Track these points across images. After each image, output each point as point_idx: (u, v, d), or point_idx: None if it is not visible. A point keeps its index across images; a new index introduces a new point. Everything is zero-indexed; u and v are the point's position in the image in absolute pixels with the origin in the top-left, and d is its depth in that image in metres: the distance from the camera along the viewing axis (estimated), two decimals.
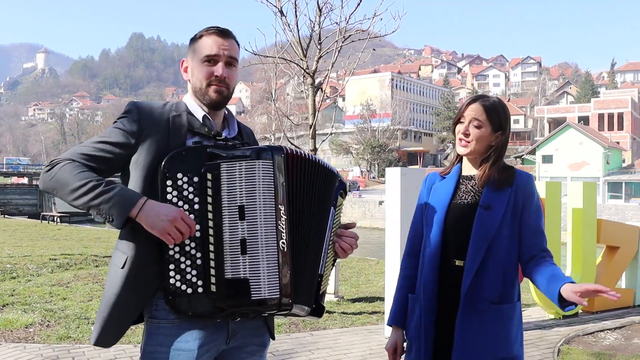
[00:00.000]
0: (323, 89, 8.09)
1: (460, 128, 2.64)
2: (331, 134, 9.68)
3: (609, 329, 7.36)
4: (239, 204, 2.08)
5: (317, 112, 7.86)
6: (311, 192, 2.22)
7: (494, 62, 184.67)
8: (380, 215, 49.30)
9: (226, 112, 2.43)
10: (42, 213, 36.77)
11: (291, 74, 9.52)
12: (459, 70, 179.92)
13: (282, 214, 2.11)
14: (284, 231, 2.11)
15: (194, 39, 2.34)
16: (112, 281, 2.18)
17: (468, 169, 2.71)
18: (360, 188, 68.82)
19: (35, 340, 6.08)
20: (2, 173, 77.35)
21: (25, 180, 73.13)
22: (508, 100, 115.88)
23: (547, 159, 60.31)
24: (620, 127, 71.71)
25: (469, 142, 2.60)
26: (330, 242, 2.32)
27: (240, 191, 2.09)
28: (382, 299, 8.48)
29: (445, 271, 2.59)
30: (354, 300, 8.65)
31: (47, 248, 14.71)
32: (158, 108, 2.26)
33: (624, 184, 57.13)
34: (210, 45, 2.28)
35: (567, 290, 2.29)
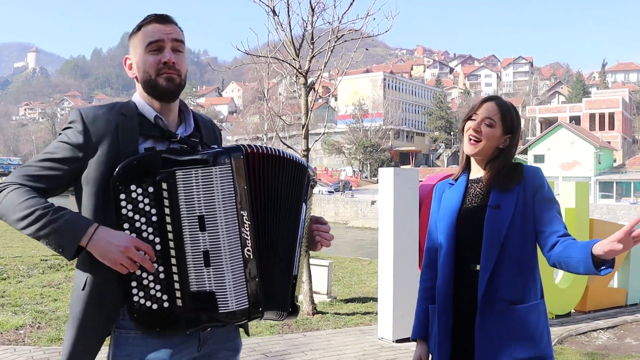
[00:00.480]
0: (316, 89, 8.06)
1: (471, 124, 2.58)
2: (324, 133, 9.65)
3: (602, 329, 7.38)
4: (198, 214, 1.96)
5: (309, 112, 7.83)
6: (279, 190, 2.11)
7: (486, 62, 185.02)
8: (373, 215, 49.33)
9: (181, 106, 2.29)
10: None
11: (283, 73, 9.48)
12: (451, 70, 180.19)
13: (245, 221, 2.00)
14: (249, 238, 2.00)
15: (133, 33, 2.18)
16: (75, 303, 2.08)
17: (476, 171, 2.67)
18: (353, 188, 68.86)
19: (26, 342, 6.03)
20: None
21: None
22: None
23: (539, 159, 60.45)
24: (612, 127, 72.05)
25: (478, 141, 2.55)
26: (303, 238, 2.24)
27: (198, 200, 1.96)
28: (375, 300, 8.46)
29: (463, 277, 2.54)
30: (347, 301, 8.63)
31: (38, 249, 14.60)
32: (104, 114, 2.09)
33: (615, 184, 57.37)
34: (152, 32, 2.12)
35: (598, 247, 2.18)
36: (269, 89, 9.38)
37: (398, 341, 6.38)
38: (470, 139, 2.57)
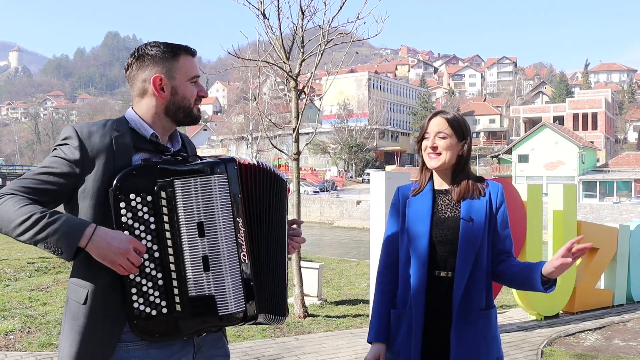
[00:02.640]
0: (306, 92, 8.08)
1: (426, 143, 2.72)
2: (314, 134, 9.65)
3: (590, 330, 7.46)
4: (197, 221, 2.04)
5: (300, 115, 7.85)
6: (266, 200, 2.21)
7: (470, 62, 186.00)
8: (358, 215, 49.42)
9: None
10: None
11: (268, 72, 9.47)
12: (436, 70, 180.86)
13: (240, 227, 2.09)
14: (244, 243, 2.09)
15: (168, 57, 2.24)
16: (75, 318, 2.07)
17: (439, 183, 2.78)
18: (338, 188, 68.91)
19: (17, 348, 5.99)
20: None
21: None
22: (484, 100, 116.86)
23: (523, 159, 60.98)
24: (595, 127, 72.76)
25: (439, 154, 2.68)
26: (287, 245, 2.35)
27: (197, 208, 2.04)
28: (365, 302, 8.50)
29: (429, 283, 2.65)
30: (337, 303, 8.66)
31: (24, 251, 14.48)
32: (99, 129, 2.13)
33: (598, 183, 57.95)
34: (192, 65, 2.28)
35: (547, 266, 2.47)
36: (255, 89, 9.36)
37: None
38: (430, 155, 2.71)
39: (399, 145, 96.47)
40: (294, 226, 2.45)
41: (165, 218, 2.04)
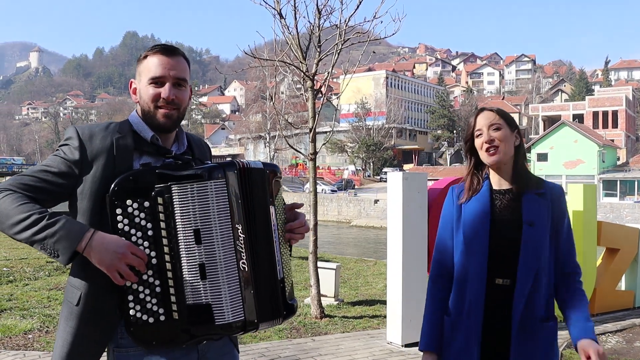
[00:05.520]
0: (323, 92, 8.05)
1: (481, 140, 2.57)
2: (331, 133, 9.62)
3: (610, 332, 7.36)
4: (194, 227, 1.99)
5: (317, 115, 7.82)
6: (256, 200, 2.11)
7: (488, 60, 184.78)
8: (376, 214, 49.33)
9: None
10: None
11: (285, 73, 9.46)
12: (454, 68, 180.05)
13: (239, 234, 2.02)
14: (243, 251, 2.03)
15: (139, 59, 2.24)
16: (68, 319, 2.08)
17: (497, 182, 2.62)
18: (356, 187, 68.82)
19: (35, 347, 6.02)
20: None
21: None
22: (502, 98, 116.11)
23: (542, 157, 60.44)
24: (615, 125, 71.93)
25: (497, 148, 2.53)
26: (281, 236, 2.22)
27: (194, 214, 1.99)
28: (382, 302, 8.45)
29: (489, 291, 2.50)
30: (354, 304, 8.62)
31: None
32: (100, 131, 2.13)
33: (618, 182, 57.32)
34: (155, 65, 2.17)
35: (581, 347, 2.39)
36: (272, 89, 9.35)
37: (407, 345, 6.37)
38: (488, 150, 2.55)
39: (416, 144, 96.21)
40: (299, 221, 2.32)
41: (163, 224, 2.01)
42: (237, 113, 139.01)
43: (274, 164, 2.26)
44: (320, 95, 8.07)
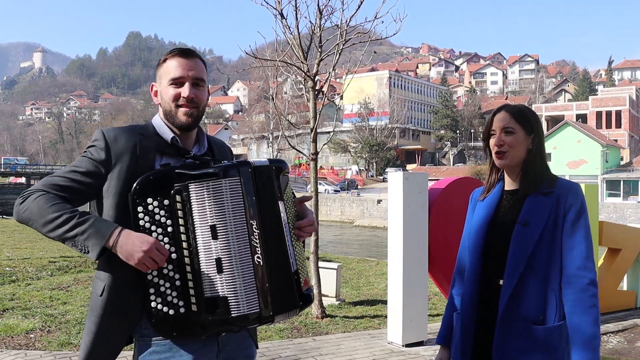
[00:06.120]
0: (324, 92, 8.05)
1: (493, 141, 2.58)
2: (332, 133, 9.62)
3: (612, 332, 7.34)
4: (210, 223, 2.08)
5: (318, 116, 7.82)
6: (268, 197, 2.21)
7: (492, 60, 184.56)
8: (379, 214, 49.34)
9: (199, 128, 2.46)
10: None
11: (287, 73, 9.47)
12: (457, 68, 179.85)
13: (254, 229, 2.11)
14: (258, 246, 2.11)
15: (159, 64, 2.37)
16: (93, 309, 2.20)
17: (509, 183, 2.64)
18: (359, 187, 68.84)
19: (37, 347, 6.03)
20: (0, 173, 77.14)
21: (22, 180, 73.03)
22: (506, 98, 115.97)
23: (546, 157, 60.35)
24: (618, 125, 71.82)
25: (505, 152, 2.54)
26: (293, 233, 2.31)
27: (210, 211, 2.08)
28: (383, 302, 8.45)
29: (488, 290, 2.53)
30: (356, 304, 8.62)
31: (46, 250, 14.65)
32: (124, 133, 2.26)
33: (622, 182, 57.23)
34: (174, 67, 2.29)
35: None
36: (274, 89, 9.36)
37: (407, 345, 6.37)
38: (497, 153, 2.56)
39: (420, 144, 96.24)
40: (308, 219, 2.39)
41: (181, 221, 2.10)
42: (240, 113, 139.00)
43: (280, 160, 2.36)
44: (322, 95, 8.08)
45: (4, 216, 38.11)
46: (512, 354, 2.42)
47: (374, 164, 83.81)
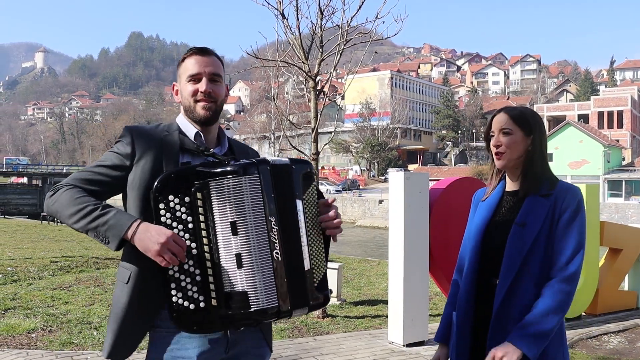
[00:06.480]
0: (325, 93, 8.06)
1: (492, 142, 2.61)
2: (333, 133, 9.64)
3: (613, 332, 7.34)
4: (230, 220, 2.13)
5: (319, 115, 7.83)
6: (287, 195, 2.27)
7: (493, 60, 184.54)
8: (380, 214, 49.33)
9: (219, 132, 2.54)
10: (42, 213, 36.73)
11: (288, 73, 9.49)
12: (458, 69, 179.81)
13: (273, 226, 2.16)
14: (277, 242, 2.16)
15: (179, 63, 2.48)
16: (118, 296, 2.29)
17: (510, 183, 2.66)
18: (360, 187, 68.82)
19: (38, 346, 6.05)
20: (2, 173, 77.24)
21: (24, 180, 73.11)
22: (507, 99, 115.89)
23: (547, 157, 60.27)
24: (620, 125, 71.73)
25: (503, 153, 2.56)
26: (311, 229, 2.32)
27: (230, 207, 2.14)
28: (384, 302, 8.46)
29: (483, 290, 2.55)
30: (357, 304, 8.63)
31: (47, 250, 14.68)
32: (150, 130, 2.40)
33: (624, 182, 57.16)
34: (192, 64, 2.40)
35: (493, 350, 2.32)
36: (275, 89, 9.36)
37: (408, 345, 6.38)
38: (496, 154, 2.59)
39: (421, 144, 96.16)
40: (331, 214, 2.41)
41: (202, 217, 2.16)
42: (242, 113, 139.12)
43: (303, 160, 2.43)
44: (323, 95, 8.09)
45: (6, 216, 38.14)
46: None
47: (376, 164, 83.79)
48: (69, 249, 15.42)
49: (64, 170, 75.78)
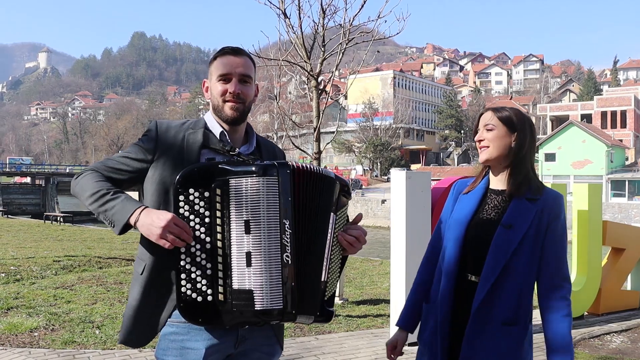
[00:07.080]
0: (327, 92, 8.06)
1: (476, 137, 2.67)
2: (337, 130, 9.64)
3: (615, 332, 7.33)
4: (244, 218, 2.16)
5: (321, 115, 7.83)
6: (314, 203, 2.29)
7: (496, 59, 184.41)
8: (383, 214, 49.31)
9: (247, 129, 2.56)
10: (45, 213, 36.85)
11: (290, 72, 9.50)
12: (461, 68, 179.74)
13: (286, 229, 2.18)
14: (288, 245, 2.18)
15: (211, 61, 2.51)
16: (134, 287, 2.36)
17: (495, 182, 2.67)
18: (363, 187, 68.80)
19: (40, 345, 6.06)
20: (5, 173, 77.29)
21: (27, 179, 73.15)
22: (510, 98, 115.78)
23: (550, 157, 60.20)
24: (623, 125, 71.55)
25: (486, 147, 2.61)
26: (335, 245, 2.35)
27: (246, 206, 2.17)
28: (387, 301, 8.46)
29: (460, 285, 2.57)
30: (359, 303, 8.63)
31: (50, 249, 14.71)
32: (176, 127, 2.43)
33: (627, 182, 57.02)
34: (223, 64, 2.42)
35: None
36: (278, 88, 9.37)
37: (410, 345, 6.36)
38: (480, 150, 2.65)
39: (424, 144, 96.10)
40: (353, 232, 2.41)
41: (218, 213, 2.19)
42: None
43: (341, 177, 2.45)
44: (325, 94, 8.09)
45: (9, 216, 38.20)
46: (481, 353, 2.46)
47: (378, 164, 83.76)
48: (72, 248, 15.46)
49: (67, 170, 75.79)
